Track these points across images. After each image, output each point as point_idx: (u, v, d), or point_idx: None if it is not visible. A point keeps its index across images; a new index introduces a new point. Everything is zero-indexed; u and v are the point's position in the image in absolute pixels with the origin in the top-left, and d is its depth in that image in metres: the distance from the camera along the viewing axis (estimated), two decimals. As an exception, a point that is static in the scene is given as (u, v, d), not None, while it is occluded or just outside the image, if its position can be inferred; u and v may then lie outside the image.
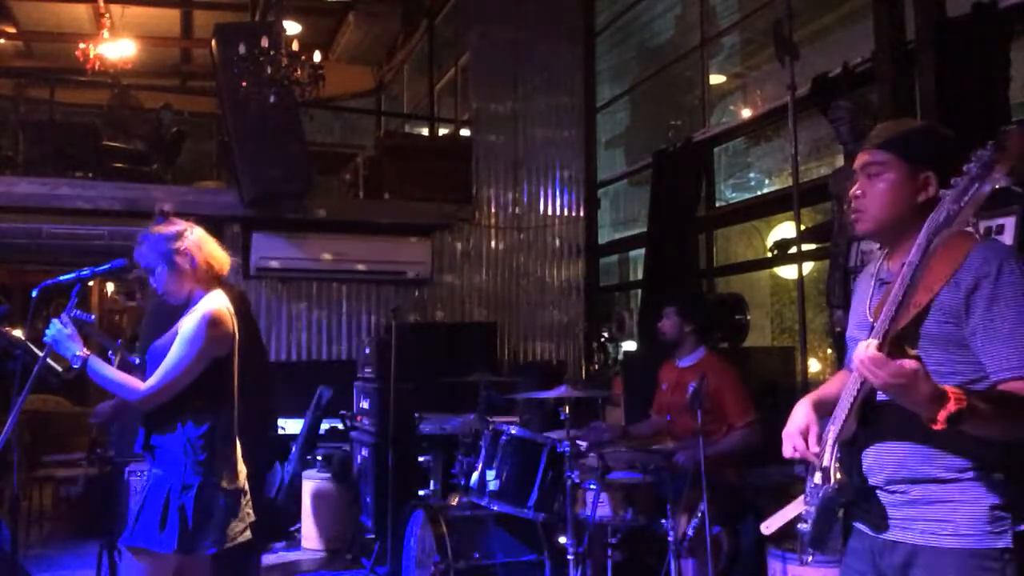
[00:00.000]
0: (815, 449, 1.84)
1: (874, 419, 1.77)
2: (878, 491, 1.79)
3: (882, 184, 1.82)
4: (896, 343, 1.58)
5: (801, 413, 1.94)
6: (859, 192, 1.86)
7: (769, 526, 2.04)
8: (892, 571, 1.77)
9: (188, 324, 2.63)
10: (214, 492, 2.61)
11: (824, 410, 1.92)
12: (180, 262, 2.70)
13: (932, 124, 1.91)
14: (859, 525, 1.87)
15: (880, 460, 1.78)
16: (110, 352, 2.74)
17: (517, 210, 7.99)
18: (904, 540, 1.74)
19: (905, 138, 1.84)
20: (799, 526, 1.84)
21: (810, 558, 3.13)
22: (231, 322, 2.71)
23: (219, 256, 2.81)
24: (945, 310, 1.71)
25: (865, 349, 1.57)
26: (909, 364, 1.53)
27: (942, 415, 1.52)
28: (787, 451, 1.93)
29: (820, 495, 1.79)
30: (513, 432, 3.84)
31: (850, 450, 1.78)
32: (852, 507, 1.84)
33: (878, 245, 1.95)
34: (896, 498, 1.77)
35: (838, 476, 1.75)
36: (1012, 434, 1.64)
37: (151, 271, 2.72)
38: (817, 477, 1.82)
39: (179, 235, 2.72)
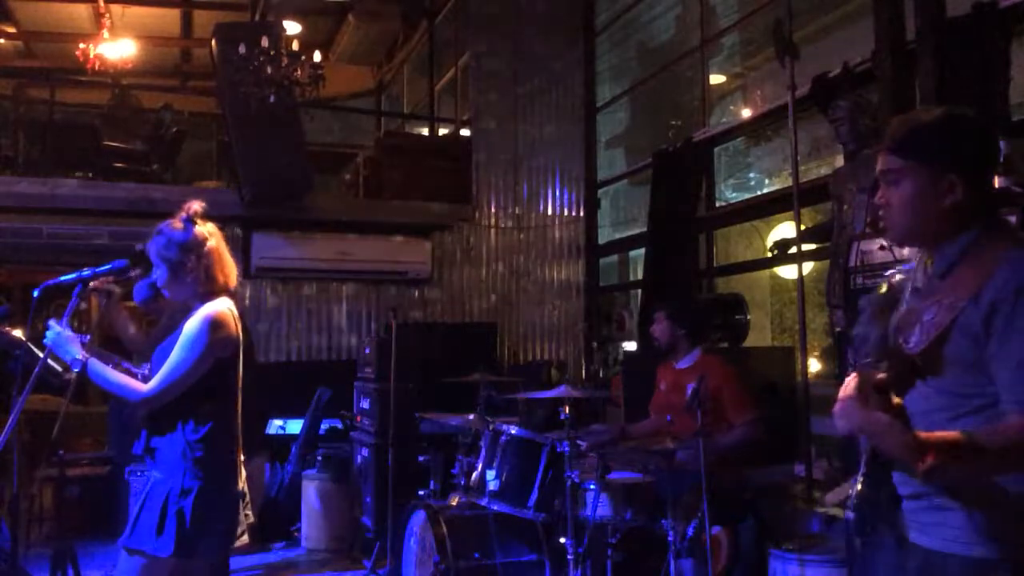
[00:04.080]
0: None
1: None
2: (906, 500, 1.73)
3: (902, 193, 1.71)
4: (881, 391, 1.51)
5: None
6: (883, 201, 1.75)
7: (832, 497, 2.01)
8: (910, 574, 1.74)
9: (191, 326, 2.61)
10: (213, 496, 2.59)
11: None
12: (184, 273, 2.66)
13: (950, 113, 1.71)
14: (889, 531, 1.82)
15: (905, 471, 1.72)
16: (110, 366, 2.72)
17: (517, 210, 8.00)
18: (924, 545, 1.71)
19: (920, 138, 1.71)
20: (846, 514, 1.81)
21: (858, 542, 3.09)
22: (234, 324, 2.69)
23: (228, 272, 2.75)
24: (966, 331, 1.62)
25: (845, 388, 1.53)
26: (882, 419, 1.48)
27: (920, 468, 1.48)
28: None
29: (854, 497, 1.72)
30: (513, 432, 3.85)
31: (877, 461, 1.71)
32: (880, 517, 1.76)
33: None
34: (920, 504, 1.73)
35: (859, 489, 1.67)
36: (1001, 474, 1.60)
37: (156, 265, 2.71)
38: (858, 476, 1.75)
39: (191, 246, 2.66)
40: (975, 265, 1.62)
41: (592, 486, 3.62)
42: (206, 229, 2.72)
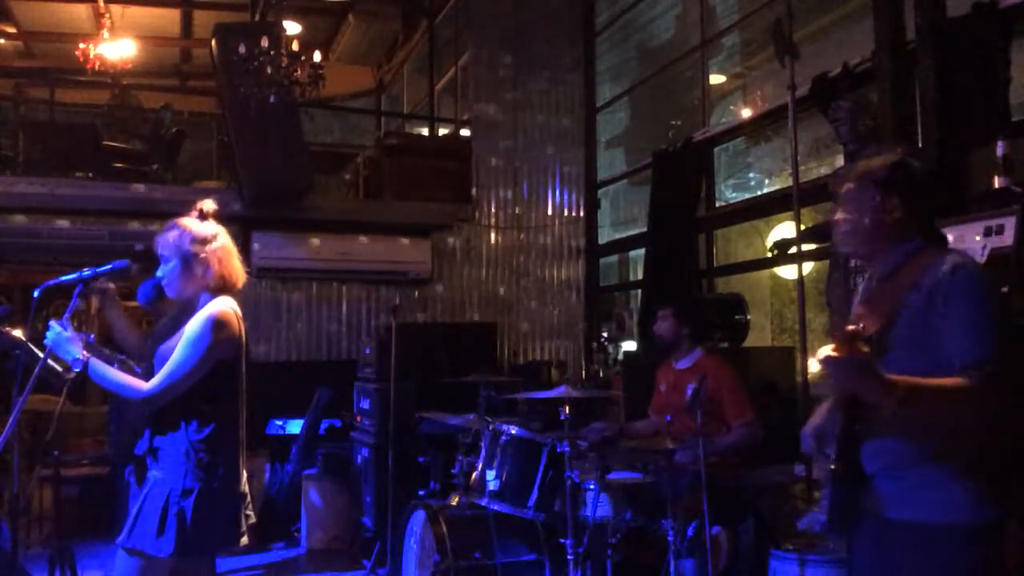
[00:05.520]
0: (830, 452, 2.05)
1: (866, 414, 1.96)
2: (878, 478, 1.98)
3: (854, 209, 2.14)
4: (850, 342, 1.76)
5: (820, 414, 2.19)
6: (838, 218, 2.19)
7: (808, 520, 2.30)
8: (898, 546, 1.97)
9: (193, 326, 2.61)
10: (214, 497, 2.58)
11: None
12: (195, 266, 2.68)
13: (901, 157, 2.16)
14: (865, 510, 2.05)
15: (874, 449, 1.98)
16: (114, 364, 2.72)
17: (517, 210, 7.99)
18: (906, 519, 1.95)
19: (874, 169, 2.15)
20: (818, 515, 2.07)
21: (830, 544, 3.24)
22: (238, 325, 2.68)
23: (236, 271, 2.77)
24: (913, 312, 1.95)
25: (822, 351, 1.78)
26: (859, 358, 1.76)
27: (893, 401, 1.78)
28: (804, 447, 2.20)
29: (828, 486, 2.02)
30: (513, 432, 3.85)
31: (849, 442, 1.99)
32: (856, 495, 2.02)
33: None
34: (897, 483, 1.97)
35: (832, 467, 1.98)
36: (950, 421, 1.90)
37: (164, 259, 2.71)
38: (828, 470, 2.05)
39: (205, 239, 2.70)
40: (915, 265, 2.01)
41: (592, 486, 3.62)
42: (219, 228, 2.78)
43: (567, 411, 3.72)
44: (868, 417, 1.95)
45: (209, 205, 2.79)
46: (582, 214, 8.14)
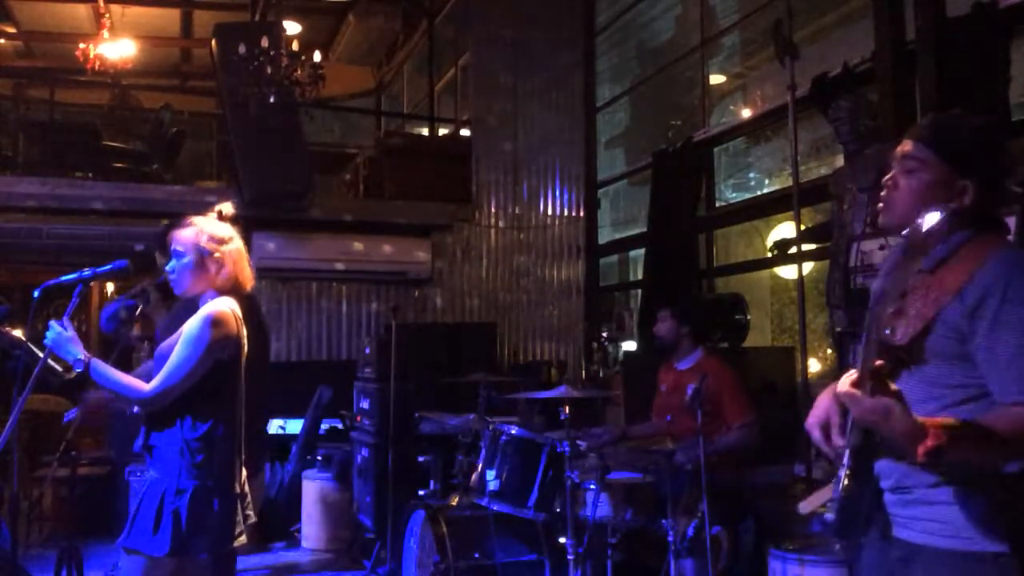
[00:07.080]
0: (838, 442, 1.79)
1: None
2: (887, 494, 1.80)
3: (915, 182, 1.74)
4: (875, 377, 1.50)
5: (822, 406, 1.90)
6: (891, 183, 1.78)
7: (806, 506, 2.05)
8: (896, 567, 1.79)
9: (191, 325, 2.61)
10: (210, 496, 2.58)
11: None
12: (209, 264, 2.69)
13: (988, 122, 1.75)
14: (872, 527, 1.88)
15: (888, 465, 1.79)
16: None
17: (517, 210, 7.99)
18: (906, 538, 1.77)
19: (954, 138, 1.74)
20: (826, 515, 1.84)
21: (837, 547, 3.14)
22: (236, 325, 2.68)
23: (246, 275, 2.79)
24: (949, 326, 1.66)
25: (845, 381, 1.56)
26: (883, 402, 1.48)
27: (920, 451, 1.47)
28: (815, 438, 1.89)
29: (838, 494, 1.78)
30: (513, 432, 3.84)
31: (861, 457, 1.77)
32: (865, 506, 1.83)
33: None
34: (902, 498, 1.78)
35: (846, 483, 1.73)
36: (994, 465, 1.62)
37: (178, 255, 2.71)
38: (841, 473, 1.79)
39: (222, 240, 2.72)
40: (962, 263, 1.66)
41: (592, 486, 3.62)
42: (234, 232, 2.80)
43: (567, 411, 3.72)
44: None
45: (228, 208, 2.83)
46: (582, 214, 8.14)
